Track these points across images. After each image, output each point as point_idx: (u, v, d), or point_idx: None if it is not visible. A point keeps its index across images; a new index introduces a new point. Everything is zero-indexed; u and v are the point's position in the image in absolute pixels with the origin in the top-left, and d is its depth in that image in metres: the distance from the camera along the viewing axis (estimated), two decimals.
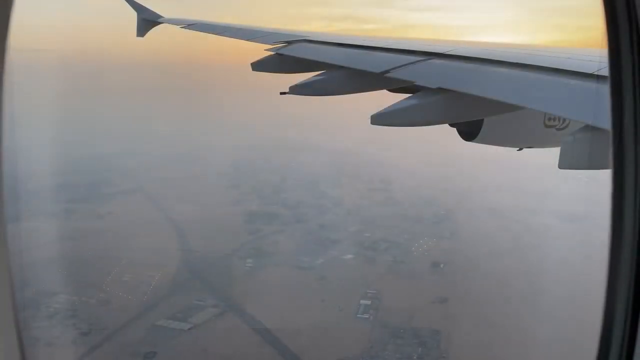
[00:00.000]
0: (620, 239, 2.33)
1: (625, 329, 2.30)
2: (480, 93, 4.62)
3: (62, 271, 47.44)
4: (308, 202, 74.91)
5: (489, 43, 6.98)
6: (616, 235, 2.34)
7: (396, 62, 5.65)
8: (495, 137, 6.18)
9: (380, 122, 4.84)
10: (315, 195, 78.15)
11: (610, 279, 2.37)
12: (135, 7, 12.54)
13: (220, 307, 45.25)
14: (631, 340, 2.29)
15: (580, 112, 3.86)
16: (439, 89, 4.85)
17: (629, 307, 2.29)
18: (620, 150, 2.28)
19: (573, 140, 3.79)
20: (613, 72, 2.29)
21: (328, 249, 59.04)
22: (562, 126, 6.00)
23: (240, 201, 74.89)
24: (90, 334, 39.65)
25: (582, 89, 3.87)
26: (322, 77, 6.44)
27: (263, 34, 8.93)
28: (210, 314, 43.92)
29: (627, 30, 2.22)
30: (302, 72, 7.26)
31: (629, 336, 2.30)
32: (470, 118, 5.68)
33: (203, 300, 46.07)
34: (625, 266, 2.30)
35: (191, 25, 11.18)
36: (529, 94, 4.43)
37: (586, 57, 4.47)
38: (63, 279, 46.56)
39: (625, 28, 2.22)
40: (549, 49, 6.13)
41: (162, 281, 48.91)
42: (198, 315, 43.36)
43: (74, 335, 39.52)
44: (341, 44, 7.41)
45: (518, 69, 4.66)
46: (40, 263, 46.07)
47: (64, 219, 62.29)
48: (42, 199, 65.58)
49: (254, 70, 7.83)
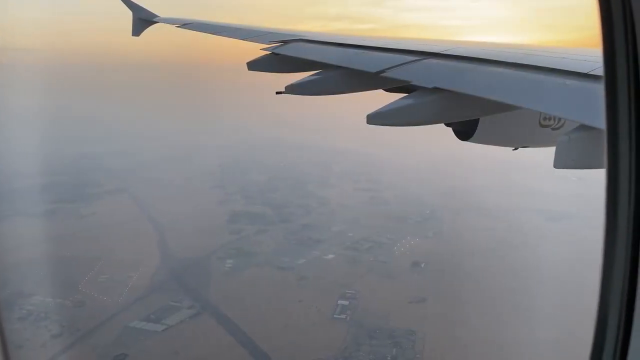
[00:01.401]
0: (614, 238, 2.30)
1: (620, 329, 2.29)
2: (476, 93, 4.62)
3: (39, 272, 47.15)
4: (294, 202, 74.74)
5: (485, 43, 6.98)
6: (610, 235, 2.31)
7: (392, 61, 5.63)
8: (490, 137, 6.19)
9: (377, 121, 4.81)
10: (302, 194, 77.99)
11: (604, 279, 2.34)
12: (130, 6, 12.47)
13: (196, 308, 45.05)
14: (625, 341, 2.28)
15: (575, 112, 3.85)
16: (434, 88, 4.85)
17: (622, 307, 2.28)
18: (615, 149, 2.28)
19: (568, 139, 3.75)
20: (608, 71, 2.29)
21: (310, 249, 58.86)
22: (557, 126, 6.00)
23: (225, 201, 74.73)
24: (62, 335, 39.46)
25: (577, 89, 3.85)
26: (318, 77, 6.42)
27: (259, 34, 8.85)
28: (185, 315, 43.73)
29: (622, 30, 2.23)
30: (298, 71, 7.21)
31: (622, 338, 2.29)
32: (466, 118, 5.69)
33: (179, 301, 45.88)
34: (619, 266, 2.28)
35: (187, 25, 11.02)
36: (525, 93, 4.42)
37: (581, 57, 4.46)
38: (39, 280, 46.30)
39: (620, 28, 2.23)
40: (544, 48, 6.10)
41: (139, 282, 48.71)
42: (172, 317, 43.17)
43: (44, 338, 39.28)
44: (337, 44, 7.37)
45: (513, 68, 4.66)
46: (17, 264, 45.93)
47: (46, 219, 62.04)
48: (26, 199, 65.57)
49: (250, 70, 7.82)
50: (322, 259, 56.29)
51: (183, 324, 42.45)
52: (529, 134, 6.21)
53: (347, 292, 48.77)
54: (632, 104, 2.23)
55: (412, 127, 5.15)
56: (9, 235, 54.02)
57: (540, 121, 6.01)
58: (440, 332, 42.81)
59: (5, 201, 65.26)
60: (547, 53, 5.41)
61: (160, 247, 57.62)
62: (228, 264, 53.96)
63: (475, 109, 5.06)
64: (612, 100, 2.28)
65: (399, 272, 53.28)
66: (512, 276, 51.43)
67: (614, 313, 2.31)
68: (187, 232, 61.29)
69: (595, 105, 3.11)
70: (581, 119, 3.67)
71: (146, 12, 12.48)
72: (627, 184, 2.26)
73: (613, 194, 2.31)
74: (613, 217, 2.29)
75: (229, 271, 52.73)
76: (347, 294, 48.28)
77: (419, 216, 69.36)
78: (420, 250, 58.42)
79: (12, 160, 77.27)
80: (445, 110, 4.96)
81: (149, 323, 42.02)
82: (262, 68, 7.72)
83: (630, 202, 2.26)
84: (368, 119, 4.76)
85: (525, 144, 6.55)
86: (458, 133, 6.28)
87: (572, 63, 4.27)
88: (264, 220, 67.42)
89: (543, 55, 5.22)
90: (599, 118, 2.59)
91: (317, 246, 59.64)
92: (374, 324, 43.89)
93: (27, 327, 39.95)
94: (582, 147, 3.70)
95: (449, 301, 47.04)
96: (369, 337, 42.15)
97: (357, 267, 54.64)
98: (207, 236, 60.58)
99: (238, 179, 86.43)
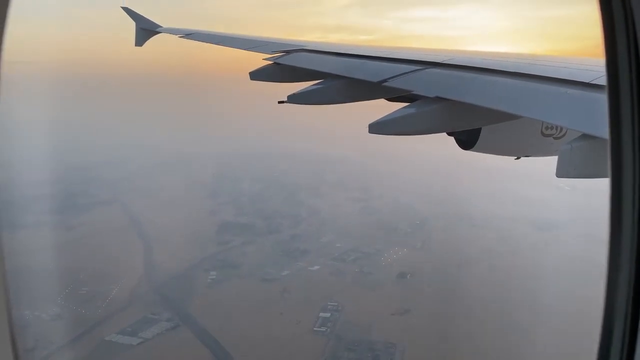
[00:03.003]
0: (618, 249, 2.28)
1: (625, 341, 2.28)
2: (478, 102, 4.65)
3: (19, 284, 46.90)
4: (284, 212, 74.28)
5: (486, 52, 6.94)
6: (615, 244, 2.29)
7: (394, 71, 5.71)
8: (492, 146, 6.25)
9: (378, 130, 4.88)
10: (293, 204, 77.55)
11: (609, 289, 2.31)
12: (134, 17, 12.75)
13: (174, 320, 44.62)
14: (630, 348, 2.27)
15: (577, 121, 3.88)
16: (436, 97, 4.90)
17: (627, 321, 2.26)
18: (618, 158, 2.27)
19: (570, 149, 3.76)
20: (610, 80, 2.28)
21: (296, 260, 58.38)
22: (559, 135, 6.03)
23: (217, 211, 74.39)
24: (35, 350, 39.07)
25: (579, 98, 3.89)
26: (320, 86, 6.47)
27: (261, 44, 8.98)
28: (163, 327, 43.33)
29: (624, 40, 2.23)
30: (300, 81, 7.28)
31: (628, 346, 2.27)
32: (468, 127, 5.73)
33: (158, 313, 45.46)
34: (624, 275, 2.26)
35: (189, 35, 11.25)
36: (526, 103, 4.45)
37: (582, 66, 4.50)
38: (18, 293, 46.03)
39: (623, 37, 2.23)
40: (545, 58, 6.12)
41: (120, 294, 48.40)
42: (150, 330, 42.79)
43: (16, 352, 38.88)
44: (339, 54, 7.45)
45: (515, 78, 4.70)
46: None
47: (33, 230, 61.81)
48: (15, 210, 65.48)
49: (252, 80, 7.90)
50: (307, 271, 55.78)
51: (160, 336, 42.04)
52: (531, 144, 6.22)
53: (330, 304, 48.21)
54: (635, 112, 2.22)
55: (414, 136, 5.17)
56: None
57: (542, 130, 6.04)
58: (421, 344, 42.20)
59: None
60: (548, 62, 5.42)
61: (146, 258, 57.31)
62: (211, 276, 53.56)
63: (477, 118, 5.11)
64: (615, 110, 2.27)
65: (384, 283, 52.68)
66: (498, 287, 50.73)
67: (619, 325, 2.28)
68: (174, 243, 61.02)
69: (597, 114, 3.28)
70: (583, 129, 3.70)
71: (149, 22, 12.71)
72: (631, 193, 2.24)
73: (617, 203, 2.28)
74: (617, 225, 2.27)
75: (211, 283, 52.30)
76: (329, 306, 47.72)
77: (409, 226, 68.71)
78: (407, 260, 57.78)
79: (5, 171, 77.43)
80: (447, 120, 5.00)
81: (125, 336, 41.62)
82: (264, 78, 7.82)
83: (634, 211, 2.24)
84: (370, 128, 4.82)
85: (527, 154, 6.58)
86: (460, 142, 6.30)
87: (573, 72, 4.30)
88: (253, 231, 67.02)
89: (544, 65, 5.24)
90: (600, 127, 2.70)
91: (303, 257, 59.13)
92: (354, 336, 43.30)
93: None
94: (584, 156, 3.69)
95: (433, 313, 46.42)
96: (348, 350, 41.58)
97: (342, 278, 54.09)
98: (194, 247, 60.26)
99: (231, 188, 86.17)
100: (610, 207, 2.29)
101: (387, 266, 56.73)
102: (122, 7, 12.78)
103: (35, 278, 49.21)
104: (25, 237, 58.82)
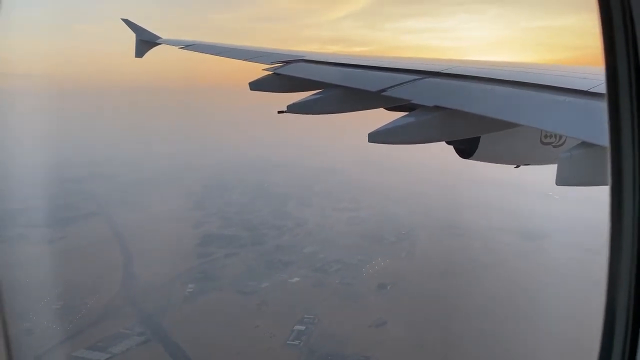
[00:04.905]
0: (619, 256, 2.28)
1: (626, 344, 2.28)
2: (477, 111, 4.69)
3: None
4: (270, 223, 73.76)
5: (484, 62, 6.95)
6: (615, 251, 2.30)
7: (392, 80, 5.76)
8: (492, 155, 6.23)
9: (378, 140, 4.89)
10: (279, 216, 77.02)
11: (609, 299, 2.31)
12: (133, 28, 12.85)
13: (146, 335, 44.05)
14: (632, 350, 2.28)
15: (576, 129, 3.89)
16: (435, 107, 4.94)
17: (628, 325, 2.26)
18: (618, 166, 2.28)
19: (570, 157, 3.76)
20: (610, 87, 2.29)
21: (278, 272, 57.78)
22: (558, 143, 6.02)
23: (202, 223, 73.92)
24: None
25: (578, 106, 3.91)
26: (320, 96, 6.53)
27: (261, 54, 9.04)
28: (133, 342, 42.75)
29: (624, 48, 2.24)
30: (299, 91, 7.33)
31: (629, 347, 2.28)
32: (467, 135, 5.71)
33: (130, 328, 44.91)
34: (623, 287, 2.27)
35: (189, 46, 11.28)
36: (525, 111, 4.47)
37: (581, 75, 4.53)
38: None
39: (622, 45, 2.24)
40: (543, 66, 6.14)
41: (94, 308, 47.89)
42: (120, 345, 42.24)
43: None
44: (338, 64, 7.57)
45: (514, 86, 4.71)
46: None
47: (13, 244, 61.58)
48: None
49: (252, 90, 7.96)
50: (286, 283, 55.17)
51: (129, 351, 41.47)
52: (530, 152, 6.23)
53: (306, 316, 47.55)
54: (635, 120, 2.22)
55: (413, 145, 5.21)
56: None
57: (542, 139, 6.04)
58: (395, 357, 41.51)
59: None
60: (547, 71, 5.48)
61: (126, 271, 56.87)
62: (189, 289, 53.01)
63: (476, 127, 5.14)
64: (614, 118, 2.27)
65: (364, 295, 52.02)
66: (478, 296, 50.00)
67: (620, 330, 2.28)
68: (156, 255, 60.48)
69: (596, 122, 3.29)
70: (582, 137, 3.69)
71: (149, 34, 12.72)
72: (632, 201, 2.24)
73: (617, 210, 2.28)
74: (617, 233, 2.27)
75: (188, 296, 51.74)
76: (305, 319, 47.05)
77: (395, 236, 68.02)
78: (389, 271, 57.11)
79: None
80: (446, 129, 5.06)
81: (94, 352, 41.06)
82: (264, 88, 7.90)
83: (634, 219, 2.24)
84: (369, 137, 4.83)
85: (526, 162, 6.58)
86: (459, 151, 6.28)
87: (572, 81, 4.32)
88: (237, 243, 66.54)
89: (543, 74, 5.25)
90: (600, 135, 2.73)
91: (285, 269, 58.57)
92: (327, 350, 42.65)
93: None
94: (584, 164, 3.70)
95: (410, 325, 45.69)
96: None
97: (321, 290, 53.44)
98: (176, 260, 59.72)
99: (220, 199, 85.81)
100: (610, 214, 2.29)
101: (369, 277, 56.06)
102: (122, 19, 12.89)
103: (9, 292, 48.79)
104: (2, 251, 58.64)
